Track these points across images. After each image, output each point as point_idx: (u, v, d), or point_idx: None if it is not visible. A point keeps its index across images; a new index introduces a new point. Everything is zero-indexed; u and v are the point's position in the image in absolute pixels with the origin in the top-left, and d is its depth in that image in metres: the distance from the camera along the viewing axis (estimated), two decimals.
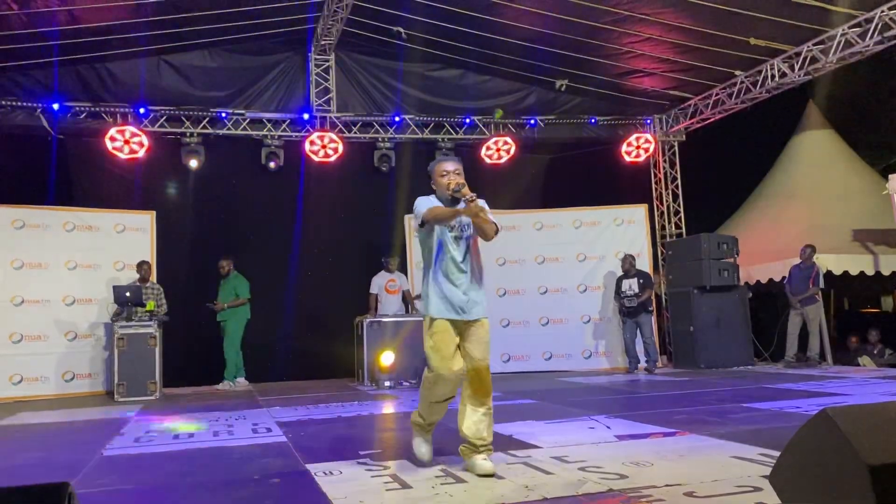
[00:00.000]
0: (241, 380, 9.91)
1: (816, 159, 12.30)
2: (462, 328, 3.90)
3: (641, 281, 10.29)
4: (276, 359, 10.78)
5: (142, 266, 9.56)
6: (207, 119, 10.63)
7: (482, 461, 3.76)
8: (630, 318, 10.25)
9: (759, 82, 10.23)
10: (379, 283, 10.21)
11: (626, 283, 10.35)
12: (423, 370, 4.06)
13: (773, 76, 9.97)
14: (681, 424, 5.14)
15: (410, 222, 11.14)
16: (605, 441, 4.64)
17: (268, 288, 10.69)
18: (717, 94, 11.06)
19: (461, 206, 3.84)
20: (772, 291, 11.29)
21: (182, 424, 6.31)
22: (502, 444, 4.69)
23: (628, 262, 10.43)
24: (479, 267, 4.01)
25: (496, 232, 3.90)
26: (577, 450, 4.36)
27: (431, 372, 3.85)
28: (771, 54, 9.79)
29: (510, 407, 6.73)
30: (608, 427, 5.16)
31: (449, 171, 3.96)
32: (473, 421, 3.87)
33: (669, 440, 4.62)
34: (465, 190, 3.81)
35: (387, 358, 9.29)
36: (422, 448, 4.06)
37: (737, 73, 10.43)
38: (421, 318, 4.03)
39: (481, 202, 3.82)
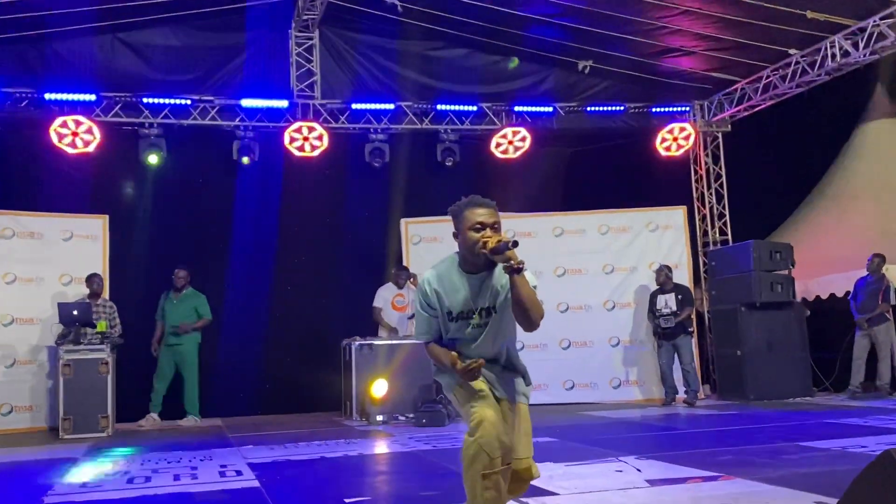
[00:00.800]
0: (193, 417, 9.87)
1: (885, 153, 12.26)
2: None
3: (680, 297, 10.27)
4: (248, 389, 10.77)
5: (92, 280, 9.56)
6: (170, 107, 10.64)
7: None
8: (666, 341, 10.23)
9: (818, 63, 10.21)
10: (385, 296, 10.23)
11: (661, 300, 10.34)
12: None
13: (833, 56, 9.95)
14: (725, 467, 5.13)
15: (407, 227, 11.16)
16: (635, 486, 4.64)
17: (240, 304, 10.69)
18: (768, 77, 11.05)
19: (498, 272, 3.29)
20: (834, 309, 11.24)
21: (138, 466, 6.28)
22: None
23: (664, 275, 10.41)
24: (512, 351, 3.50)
25: (541, 316, 3.26)
26: (602, 497, 4.34)
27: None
28: (831, 30, 9.76)
29: None
30: (638, 470, 5.16)
31: (487, 223, 3.24)
32: None
33: (710, 486, 4.60)
34: (513, 252, 3.12)
35: (379, 388, 9.26)
36: None
37: (791, 52, 10.42)
38: (419, 341, 3.62)
39: (528, 274, 3.20)
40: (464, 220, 3.31)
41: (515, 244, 3.13)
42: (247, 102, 10.80)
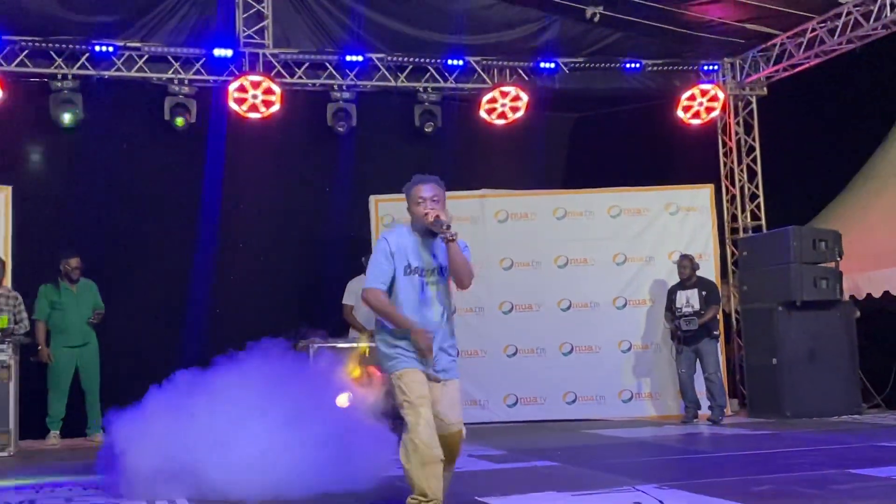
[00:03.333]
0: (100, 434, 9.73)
1: None
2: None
3: (704, 293, 10.24)
4: None
5: None
6: (87, 56, 10.50)
7: None
8: (687, 347, 10.22)
9: (874, 13, 10.15)
10: (356, 290, 10.08)
11: (681, 297, 10.31)
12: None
13: (892, 5, 9.90)
14: (764, 499, 5.11)
15: (378, 206, 11.07)
16: None
17: (171, 298, 10.61)
18: (813, 30, 11.02)
19: (437, 242, 4.64)
20: (888, 309, 11.28)
21: (46, 497, 6.17)
22: None
23: (687, 267, 10.38)
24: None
25: (471, 278, 4.67)
26: None
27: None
28: None
29: (520, 472, 6.66)
30: (661, 502, 5.11)
31: (426, 197, 4.62)
32: None
33: None
34: (445, 222, 4.51)
35: (343, 399, 9.18)
36: None
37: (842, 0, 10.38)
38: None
39: (461, 243, 4.60)
40: (410, 197, 4.68)
41: (449, 227, 4.51)
42: (182, 51, 10.69)
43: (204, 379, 6.11)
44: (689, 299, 10.25)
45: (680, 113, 11.97)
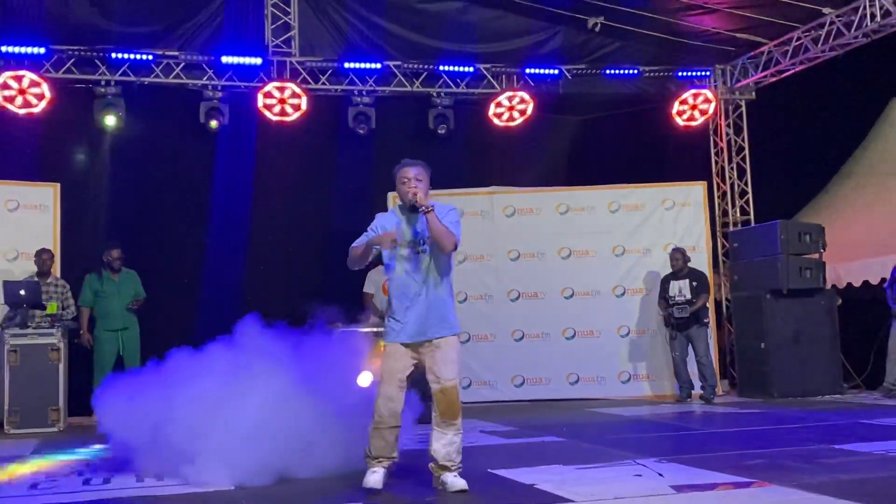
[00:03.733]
0: None
1: None
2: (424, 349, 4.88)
3: (695, 284, 10.20)
4: None
5: (41, 255, 9.42)
6: (130, 63, 10.49)
7: (453, 478, 4.73)
8: (680, 333, 10.17)
9: (856, 23, 10.12)
10: (377, 280, 10.10)
11: (674, 286, 10.27)
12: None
13: (873, 15, 9.85)
14: (757, 472, 5.07)
15: (395, 201, 11.00)
16: (659, 493, 4.57)
17: (205, 287, 10.56)
18: (798, 39, 10.96)
19: (420, 216, 4.84)
20: (867, 298, 11.22)
21: (96, 465, 6.17)
22: (521, 496, 4.61)
23: (679, 259, 10.34)
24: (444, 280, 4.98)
25: (455, 246, 4.86)
26: None
27: None
28: None
29: (528, 447, 6.65)
30: (660, 475, 5.10)
31: (409, 177, 4.90)
32: (443, 444, 4.78)
33: (744, 493, 4.56)
34: (421, 198, 4.80)
35: (365, 380, 9.15)
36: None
37: (826, 10, 10.34)
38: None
39: (446, 209, 4.90)
40: (397, 178, 4.99)
41: (424, 207, 4.78)
42: (215, 59, 10.65)
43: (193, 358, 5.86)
44: (681, 289, 10.22)
45: (675, 116, 11.92)
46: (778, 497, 4.38)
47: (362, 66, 11.11)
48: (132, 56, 10.45)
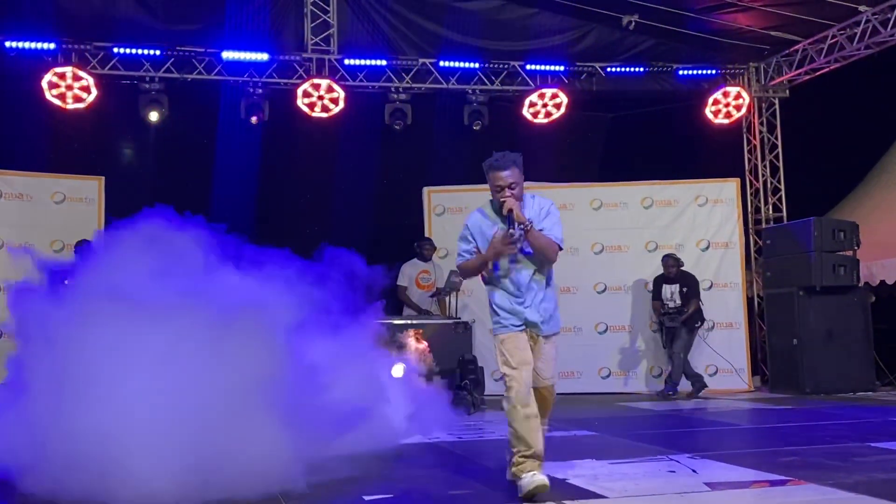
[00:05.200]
0: None
1: None
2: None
3: (685, 289, 10.08)
4: None
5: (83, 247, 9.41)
6: (173, 60, 10.47)
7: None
8: (666, 335, 10.11)
9: (892, 21, 9.92)
10: (410, 273, 10.06)
11: (667, 290, 10.26)
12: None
13: None
14: (792, 470, 4.90)
15: (430, 196, 10.96)
16: (693, 491, 4.44)
17: None
18: (833, 37, 10.75)
19: (513, 231, 4.45)
20: None
21: None
22: (554, 491, 4.49)
23: (672, 266, 10.21)
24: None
25: (557, 252, 4.63)
26: (657, 502, 4.17)
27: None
28: None
29: (562, 440, 6.51)
30: (694, 471, 4.96)
31: (502, 185, 4.51)
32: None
33: (780, 491, 4.43)
34: (519, 215, 4.46)
35: (397, 371, 9.08)
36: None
37: (861, 8, 10.14)
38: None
39: (545, 203, 4.70)
40: (489, 179, 4.59)
41: (520, 223, 4.48)
42: (256, 56, 10.60)
43: None
44: (672, 293, 10.18)
45: (708, 113, 11.75)
46: (814, 496, 4.22)
47: (399, 63, 11.02)
48: (176, 53, 10.42)
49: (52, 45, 10.06)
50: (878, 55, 10.68)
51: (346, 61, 10.90)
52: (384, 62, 10.99)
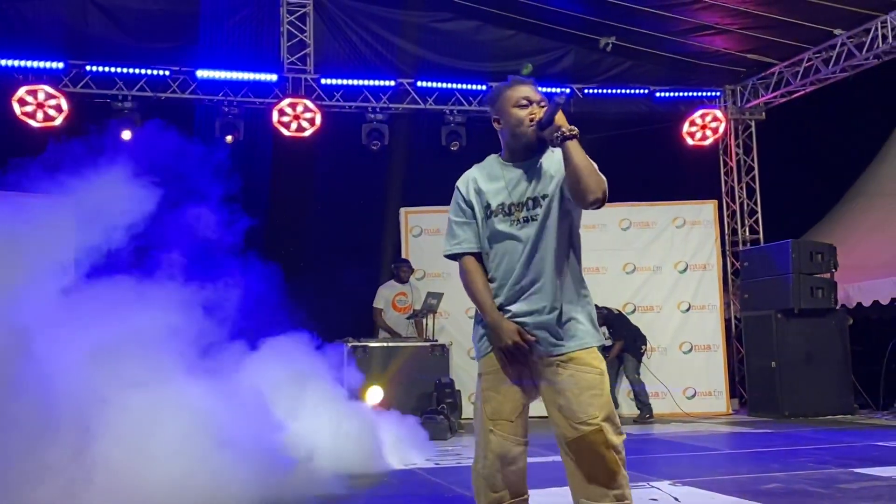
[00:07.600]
0: None
1: None
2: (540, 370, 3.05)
3: (611, 330, 10.02)
4: None
5: None
6: (146, 79, 10.36)
7: None
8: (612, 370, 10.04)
9: (866, 45, 9.96)
10: (386, 295, 9.90)
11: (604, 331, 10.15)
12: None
13: (884, 37, 9.70)
14: (775, 498, 4.77)
15: (407, 217, 10.83)
16: None
17: None
18: (809, 60, 10.79)
19: (547, 157, 3.12)
20: (876, 317, 10.96)
21: None
22: None
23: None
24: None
25: (604, 191, 2.97)
26: None
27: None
28: (883, 8, 9.54)
29: (539, 466, 6.29)
30: (676, 500, 4.77)
31: (534, 99, 3.10)
32: None
33: None
34: (562, 117, 2.99)
35: (373, 395, 8.89)
36: None
37: (836, 31, 10.19)
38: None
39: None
40: (506, 99, 3.13)
41: (565, 130, 2.95)
42: (231, 75, 10.51)
43: None
44: (606, 335, 10.00)
45: (685, 135, 11.76)
46: None
47: (376, 83, 10.95)
48: (149, 72, 10.32)
49: (24, 63, 9.92)
50: (852, 78, 10.73)
51: (323, 80, 10.82)
52: (361, 82, 10.91)
